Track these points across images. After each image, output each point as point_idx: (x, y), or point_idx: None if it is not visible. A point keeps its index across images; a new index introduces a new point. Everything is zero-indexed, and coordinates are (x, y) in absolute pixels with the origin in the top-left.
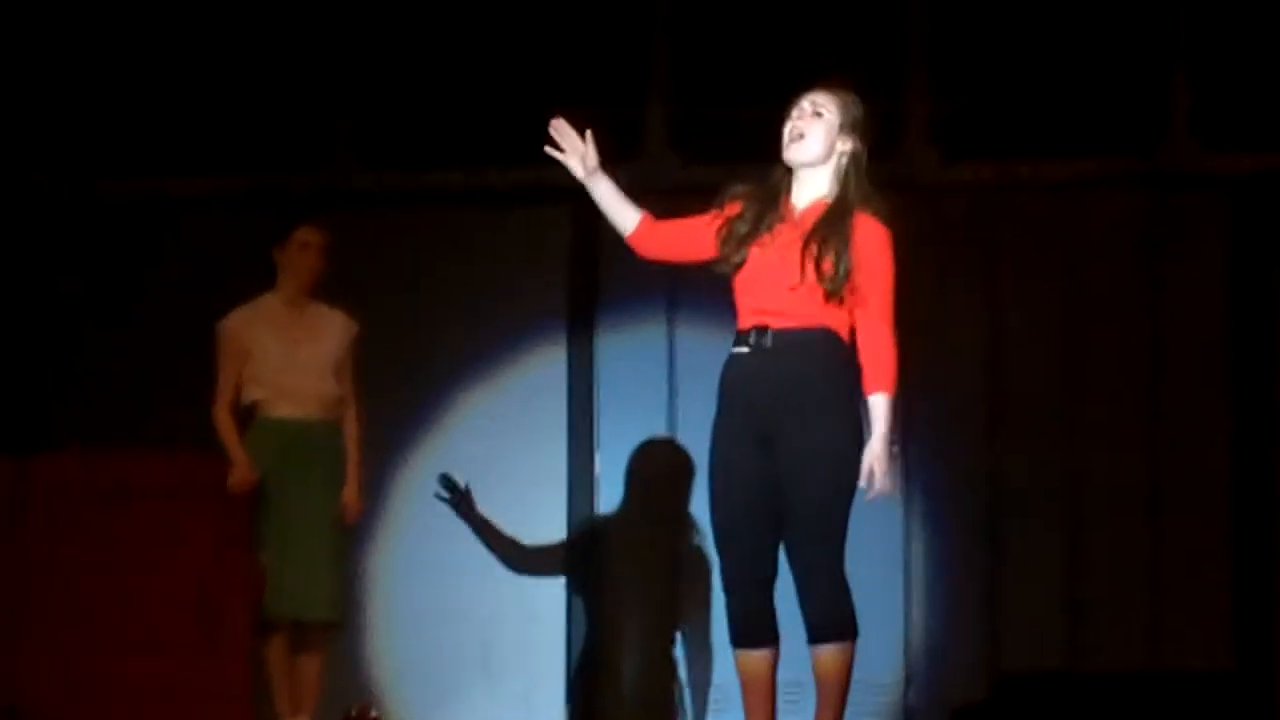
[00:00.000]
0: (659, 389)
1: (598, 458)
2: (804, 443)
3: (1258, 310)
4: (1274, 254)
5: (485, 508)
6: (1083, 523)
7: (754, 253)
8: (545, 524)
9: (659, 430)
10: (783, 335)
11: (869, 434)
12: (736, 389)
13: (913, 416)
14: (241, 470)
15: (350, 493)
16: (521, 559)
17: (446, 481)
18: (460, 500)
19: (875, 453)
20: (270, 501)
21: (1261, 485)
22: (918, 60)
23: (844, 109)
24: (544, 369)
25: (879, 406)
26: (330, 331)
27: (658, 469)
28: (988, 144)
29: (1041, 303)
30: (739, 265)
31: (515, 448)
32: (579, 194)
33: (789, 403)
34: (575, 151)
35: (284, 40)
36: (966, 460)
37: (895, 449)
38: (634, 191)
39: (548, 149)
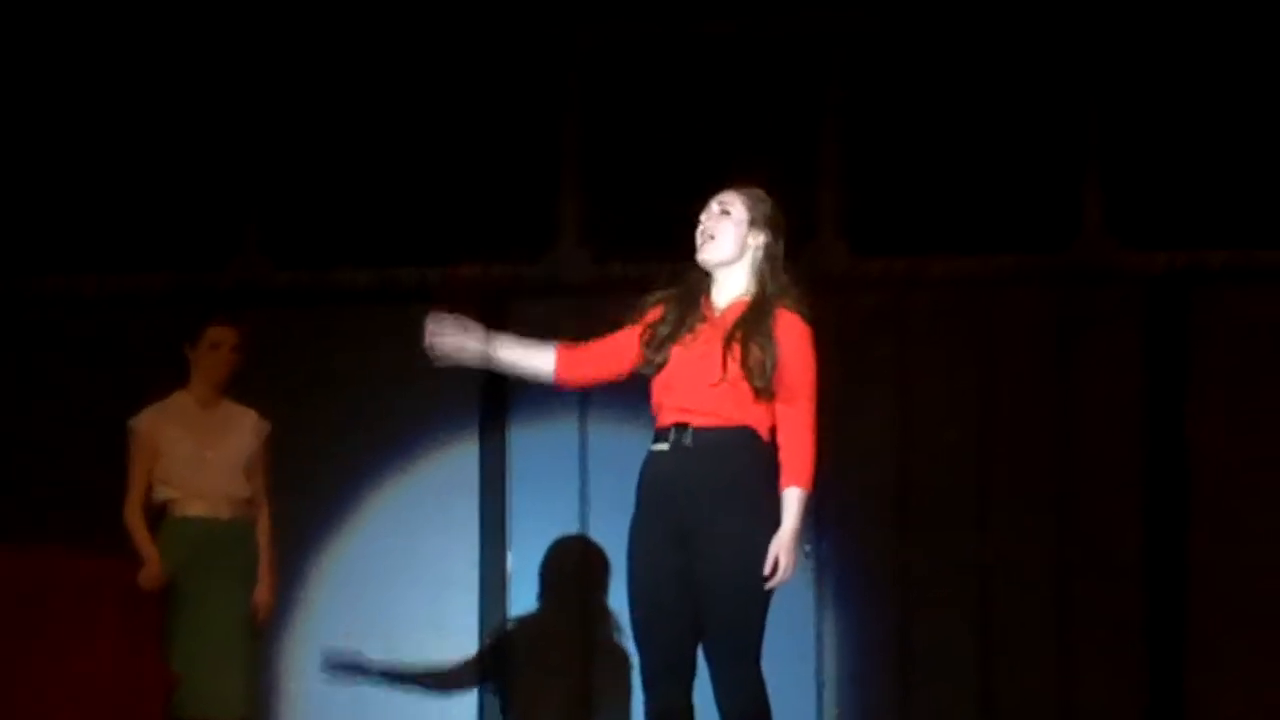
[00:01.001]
0: (571, 485)
1: (509, 555)
2: (722, 541)
3: (1170, 407)
4: (1187, 352)
5: (397, 606)
6: (994, 617)
7: (675, 352)
8: (457, 622)
9: (571, 526)
10: (703, 433)
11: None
12: (655, 486)
13: (824, 511)
14: (152, 569)
15: (262, 592)
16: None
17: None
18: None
19: (783, 543)
20: (181, 600)
21: (1173, 581)
22: (830, 155)
23: (751, 205)
24: (456, 466)
25: (792, 499)
26: (242, 430)
27: (571, 565)
28: (899, 239)
29: (953, 398)
30: (660, 365)
31: (427, 545)
32: (488, 291)
33: (708, 501)
34: (458, 334)
35: (196, 139)
36: (878, 555)
37: (808, 548)
38: (546, 287)
39: (432, 354)
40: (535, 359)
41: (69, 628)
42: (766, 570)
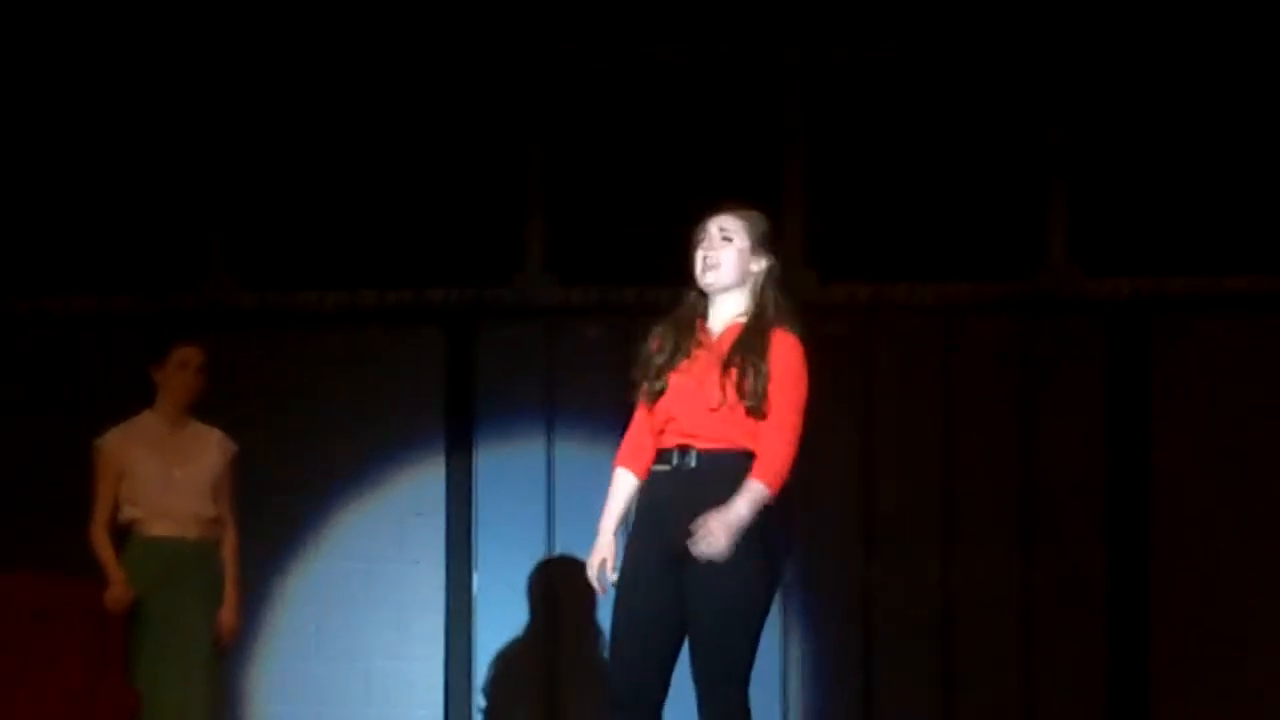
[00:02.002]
0: (538, 507)
1: (475, 577)
2: (714, 565)
3: (1134, 435)
4: (1150, 378)
5: (363, 627)
6: (958, 641)
7: (673, 379)
8: (423, 644)
9: (538, 547)
10: (705, 456)
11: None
12: (653, 507)
13: (790, 535)
14: (117, 589)
15: (227, 612)
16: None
17: None
18: None
19: (723, 517)
20: (146, 621)
21: (1136, 610)
22: (794, 181)
23: (751, 229)
24: (422, 487)
25: (750, 489)
26: (208, 450)
27: (537, 588)
28: (865, 266)
29: (917, 425)
30: (659, 393)
31: (393, 567)
32: (455, 314)
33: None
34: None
35: (163, 160)
36: (843, 579)
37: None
38: (512, 310)
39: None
40: (627, 492)
41: (33, 649)
42: (697, 531)
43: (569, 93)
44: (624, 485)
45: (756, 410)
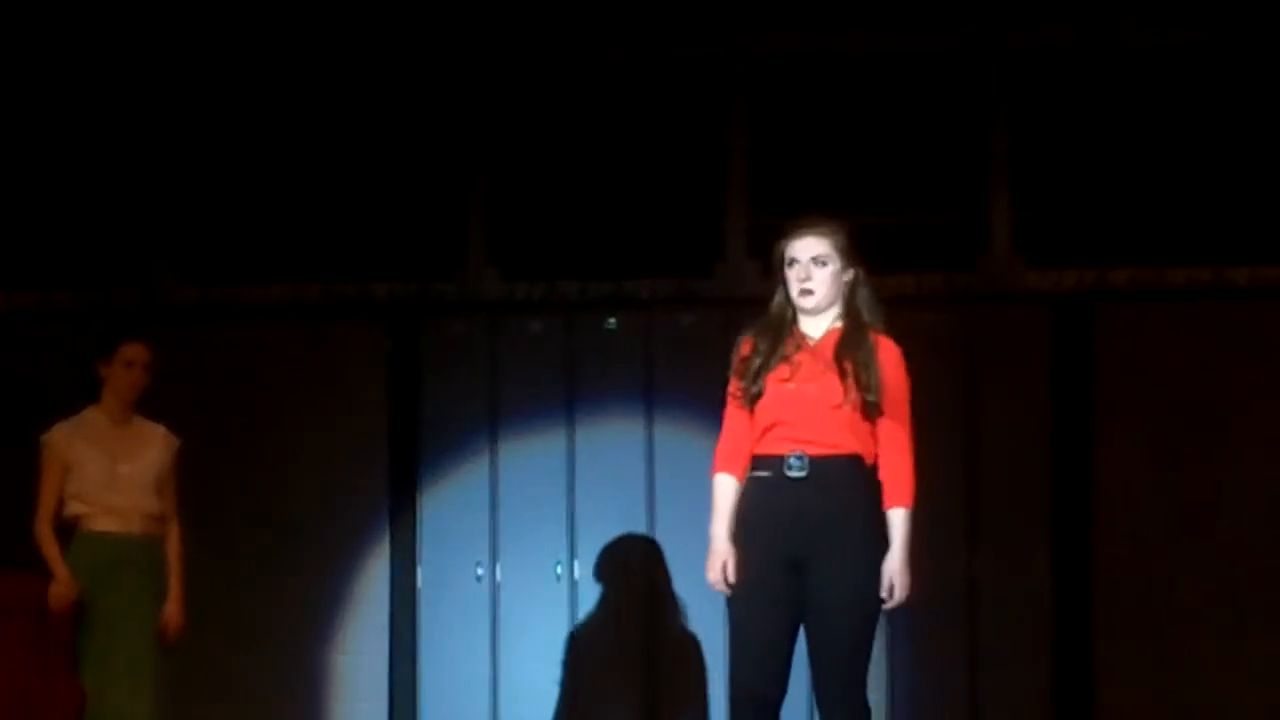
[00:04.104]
0: (481, 500)
1: (420, 571)
2: (839, 573)
3: (1077, 425)
4: (1093, 369)
5: (308, 621)
6: (900, 634)
7: (781, 384)
8: (368, 637)
9: (481, 541)
10: (818, 462)
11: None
12: (767, 514)
13: None
14: (62, 586)
15: (172, 608)
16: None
17: None
18: None
19: (896, 565)
20: (92, 617)
21: (1080, 598)
22: (738, 178)
23: (837, 246)
24: (366, 481)
25: (898, 520)
26: (152, 447)
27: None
28: None
29: None
30: (756, 396)
31: (337, 560)
32: (399, 308)
33: (823, 529)
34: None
35: (107, 157)
36: None
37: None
38: (456, 305)
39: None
40: (733, 496)
41: None
42: (884, 594)
43: (513, 88)
44: (730, 490)
45: (874, 406)
